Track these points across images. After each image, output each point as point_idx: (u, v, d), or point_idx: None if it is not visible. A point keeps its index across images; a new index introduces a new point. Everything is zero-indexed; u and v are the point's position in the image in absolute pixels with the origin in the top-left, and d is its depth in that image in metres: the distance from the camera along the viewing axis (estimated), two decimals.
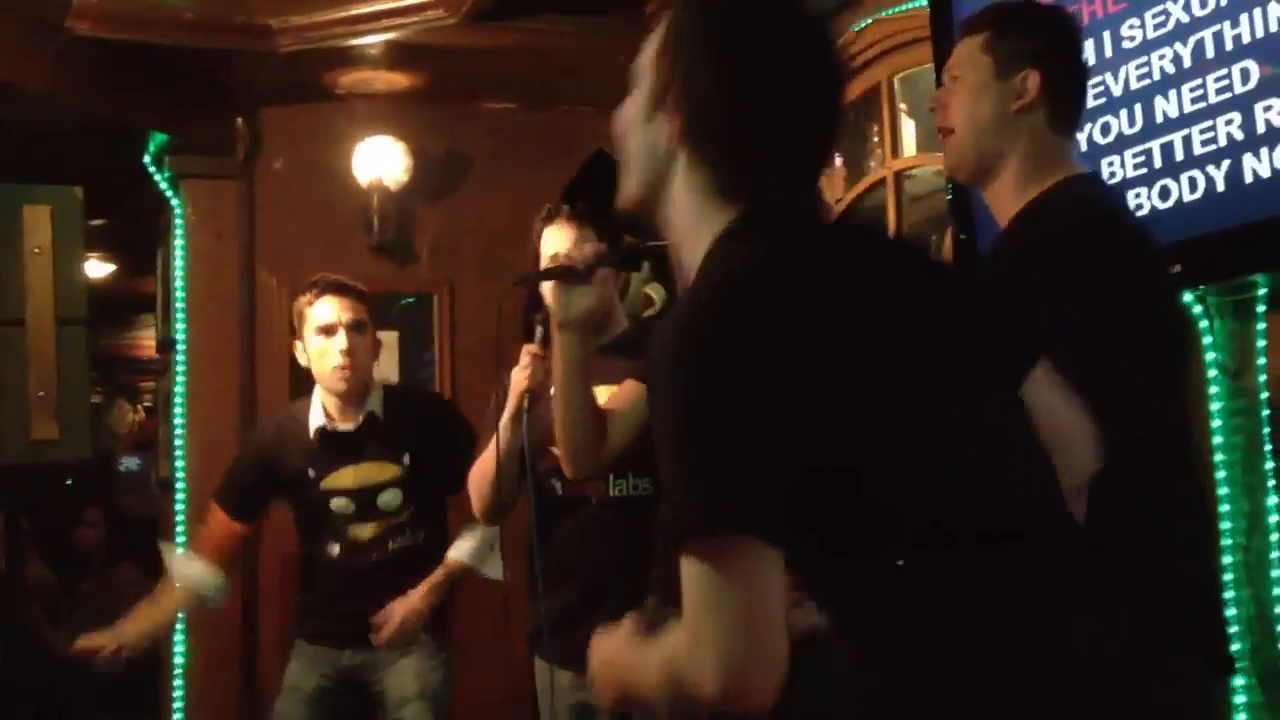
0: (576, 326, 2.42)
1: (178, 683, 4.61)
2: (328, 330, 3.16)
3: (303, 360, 3.24)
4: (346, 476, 3.20)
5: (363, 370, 3.20)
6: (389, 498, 3.20)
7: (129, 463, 9.06)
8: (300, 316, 3.20)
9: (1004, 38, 1.96)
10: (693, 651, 1.24)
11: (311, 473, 3.21)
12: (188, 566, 3.35)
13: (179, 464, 4.70)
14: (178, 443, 4.71)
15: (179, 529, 4.65)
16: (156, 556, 5.29)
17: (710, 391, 1.21)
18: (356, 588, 3.22)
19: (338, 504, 3.20)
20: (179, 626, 4.60)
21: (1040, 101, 1.92)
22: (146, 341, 8.52)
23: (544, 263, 2.70)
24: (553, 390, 2.50)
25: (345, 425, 3.22)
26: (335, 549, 3.23)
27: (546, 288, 2.51)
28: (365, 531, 3.21)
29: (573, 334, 2.43)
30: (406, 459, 3.20)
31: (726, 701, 1.23)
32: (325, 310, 3.17)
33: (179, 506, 4.67)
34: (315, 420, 3.23)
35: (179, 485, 4.68)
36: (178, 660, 4.61)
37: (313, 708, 3.26)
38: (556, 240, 2.71)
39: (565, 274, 2.43)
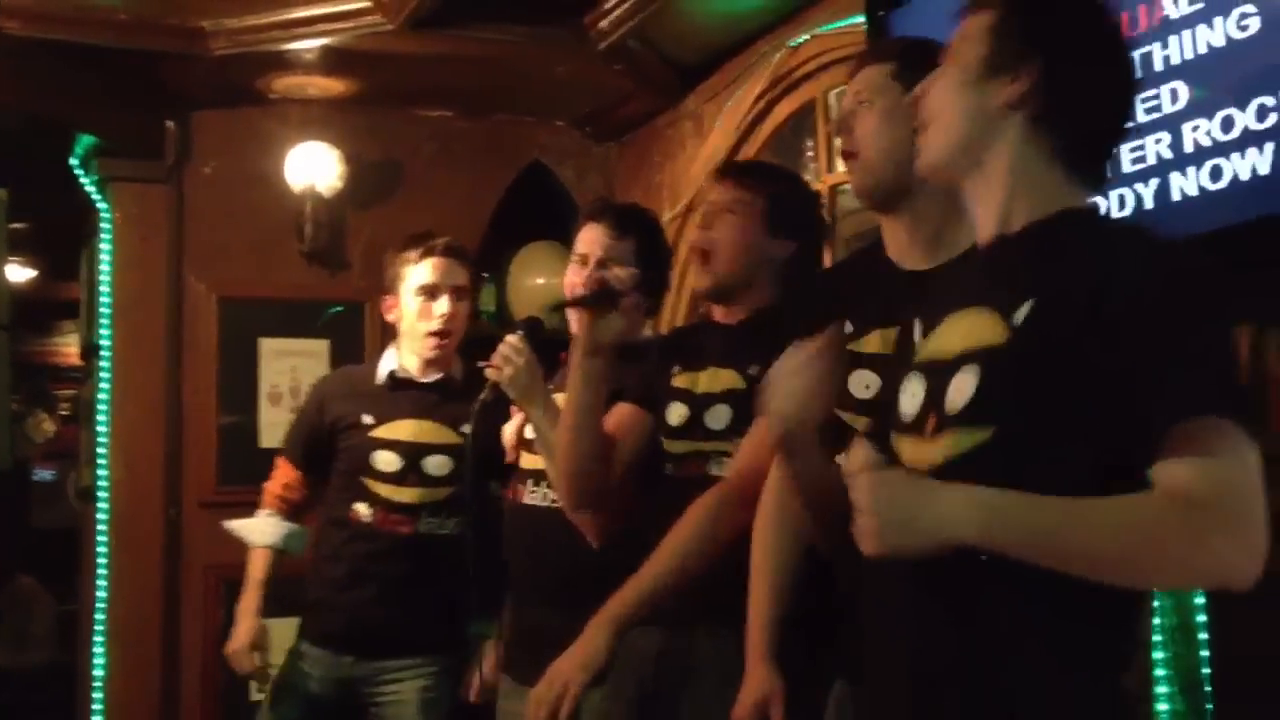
0: (605, 352, 2.39)
1: (97, 694, 4.51)
2: (430, 292, 3.12)
3: (390, 317, 3.20)
4: (403, 429, 3.11)
5: (457, 337, 3.16)
6: (437, 464, 3.10)
7: (43, 473, 8.87)
8: (400, 273, 3.15)
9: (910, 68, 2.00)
10: (1228, 524, 1.29)
11: (368, 418, 3.13)
12: (257, 527, 3.25)
13: (101, 472, 4.61)
14: (100, 451, 4.62)
15: (100, 539, 4.56)
16: (61, 570, 5.19)
17: (1224, 310, 1.41)
18: (376, 572, 3.08)
19: (383, 458, 3.10)
20: (99, 637, 4.52)
21: None
22: (64, 349, 8.36)
23: (572, 259, 2.70)
24: (563, 415, 2.45)
25: (418, 377, 3.16)
26: (367, 512, 3.10)
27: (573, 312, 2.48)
28: (403, 495, 3.09)
29: (601, 360, 2.39)
30: (467, 429, 3.03)
31: (1246, 581, 1.29)
32: (431, 271, 3.12)
33: (101, 516, 4.58)
34: (387, 367, 3.18)
35: (101, 494, 4.59)
36: (97, 672, 4.52)
37: (302, 711, 3.13)
38: (588, 240, 2.69)
39: (603, 298, 2.40)
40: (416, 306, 3.12)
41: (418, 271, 3.12)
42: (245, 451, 4.63)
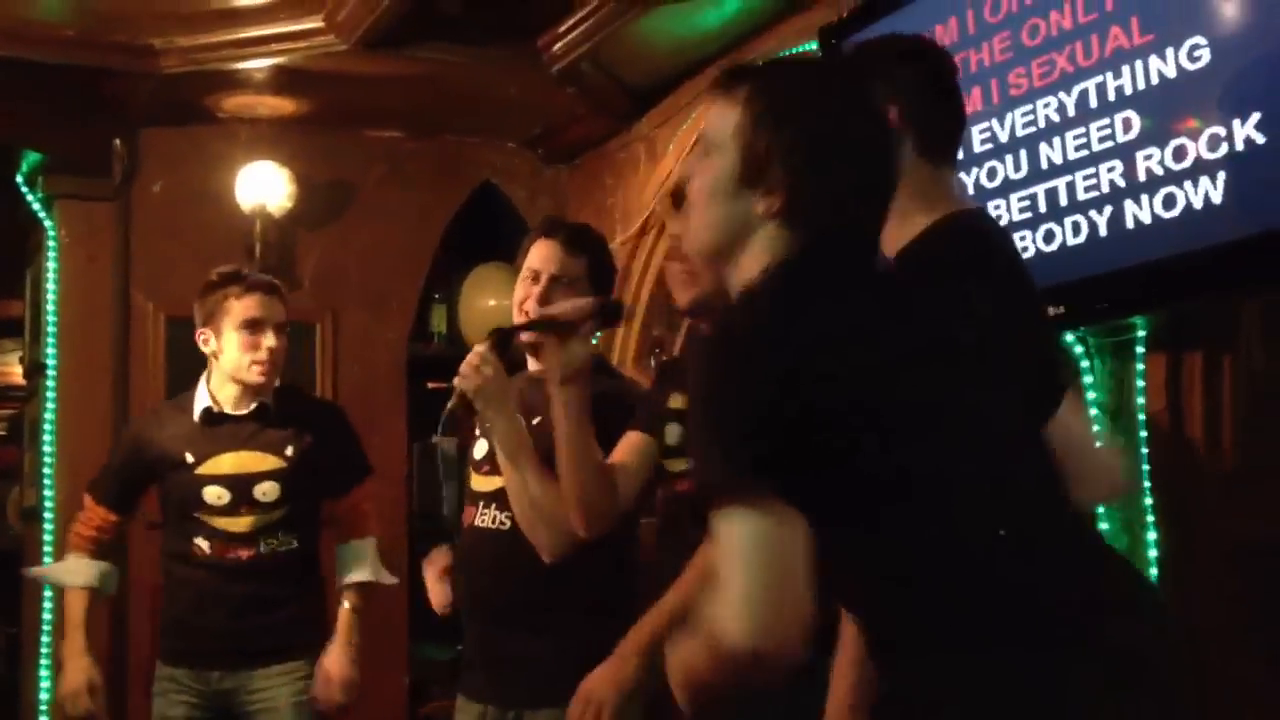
0: (579, 378, 2.38)
1: (43, 718, 4.43)
2: (254, 326, 3.15)
3: (207, 348, 3.20)
4: (226, 463, 3.15)
5: (279, 370, 3.22)
6: (266, 489, 3.15)
7: None
8: (220, 308, 3.16)
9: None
10: (724, 606, 1.34)
11: (189, 457, 3.16)
12: (69, 569, 3.27)
13: (47, 492, 4.54)
14: (46, 470, 4.55)
15: (45, 560, 4.49)
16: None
17: (735, 378, 1.39)
18: (226, 593, 3.15)
19: (212, 493, 3.14)
20: (44, 659, 4.44)
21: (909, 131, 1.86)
22: (1, 367, 8.21)
23: (523, 275, 2.68)
24: (558, 446, 2.43)
25: (233, 411, 3.19)
26: (205, 546, 3.15)
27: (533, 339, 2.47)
28: (238, 525, 3.14)
29: (576, 387, 2.38)
30: (290, 451, 3.17)
31: (757, 652, 1.32)
32: (256, 307, 3.15)
33: (46, 536, 4.50)
34: (201, 403, 3.20)
35: (47, 514, 4.52)
36: (42, 695, 4.44)
37: None
38: (540, 257, 2.67)
39: (560, 327, 2.38)
40: (240, 340, 3.15)
41: (241, 307, 3.16)
42: None
